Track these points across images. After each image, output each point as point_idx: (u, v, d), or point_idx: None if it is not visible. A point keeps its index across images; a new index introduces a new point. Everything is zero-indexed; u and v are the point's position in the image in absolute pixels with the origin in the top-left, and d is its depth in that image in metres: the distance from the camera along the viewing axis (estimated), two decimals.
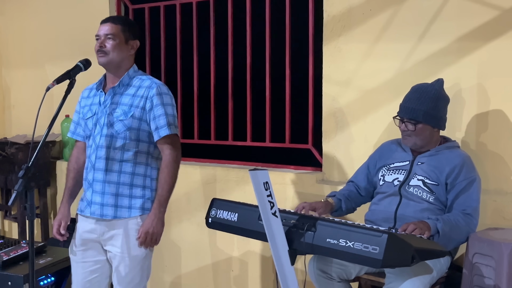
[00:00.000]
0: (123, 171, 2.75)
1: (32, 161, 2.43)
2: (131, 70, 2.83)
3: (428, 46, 3.27)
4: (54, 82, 2.58)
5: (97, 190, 2.77)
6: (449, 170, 2.80)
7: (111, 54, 2.75)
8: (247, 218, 2.65)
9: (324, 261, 2.85)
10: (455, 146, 2.94)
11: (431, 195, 2.81)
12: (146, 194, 2.78)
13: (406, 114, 2.88)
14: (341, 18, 3.53)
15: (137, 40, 2.86)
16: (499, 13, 3.07)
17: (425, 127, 2.86)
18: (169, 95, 2.82)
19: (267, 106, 3.92)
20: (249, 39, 3.96)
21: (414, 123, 2.85)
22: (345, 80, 3.55)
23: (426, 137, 2.88)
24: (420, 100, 2.86)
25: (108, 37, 2.75)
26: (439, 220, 2.66)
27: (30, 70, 5.02)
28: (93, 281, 2.85)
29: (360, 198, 3.10)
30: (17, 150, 4.45)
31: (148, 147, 2.80)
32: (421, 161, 2.89)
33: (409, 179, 2.87)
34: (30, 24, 5.00)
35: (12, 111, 5.19)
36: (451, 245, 2.74)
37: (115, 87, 2.79)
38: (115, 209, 2.75)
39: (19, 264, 3.24)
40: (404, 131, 2.90)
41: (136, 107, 2.75)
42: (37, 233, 4.75)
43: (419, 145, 2.90)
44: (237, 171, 3.92)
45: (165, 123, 2.74)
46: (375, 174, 3.05)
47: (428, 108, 2.85)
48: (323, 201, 2.99)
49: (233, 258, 3.98)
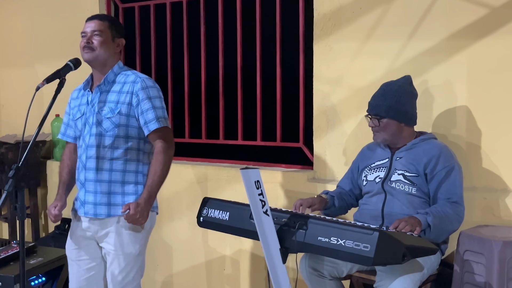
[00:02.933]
0: (114, 169, 2.74)
1: (22, 161, 2.42)
2: (116, 66, 2.81)
3: (418, 44, 3.28)
4: (44, 82, 2.57)
5: (89, 189, 2.76)
6: (426, 160, 2.84)
7: (97, 50, 2.73)
8: (238, 217, 2.65)
9: (315, 259, 2.86)
10: (431, 137, 2.98)
11: (413, 187, 2.83)
12: (138, 190, 2.77)
13: (371, 110, 2.96)
14: (331, 16, 3.53)
15: (123, 38, 2.85)
16: (489, 11, 3.09)
17: (390, 122, 2.90)
18: (155, 87, 2.80)
19: (258, 104, 3.92)
20: (239, 37, 3.96)
21: (378, 118, 2.91)
22: (336, 78, 3.55)
23: (394, 132, 2.92)
24: (384, 96, 2.92)
25: (95, 33, 2.74)
26: (429, 214, 2.67)
27: (20, 69, 4.99)
28: (90, 279, 2.85)
29: (350, 198, 3.12)
30: (7, 150, 4.43)
31: (138, 143, 2.78)
32: (399, 156, 2.92)
33: (390, 175, 2.90)
34: (19, 23, 4.98)
35: (2, 110, 5.17)
36: (444, 236, 2.77)
37: (101, 85, 2.78)
38: (108, 207, 2.74)
39: (9, 264, 3.22)
40: (372, 127, 2.95)
41: (123, 103, 2.73)
42: (28, 233, 4.72)
43: (389, 140, 2.94)
44: (228, 170, 3.91)
45: (153, 117, 2.72)
46: (359, 177, 3.08)
47: (391, 102, 2.90)
48: (317, 197, 3.01)
49: (225, 257, 3.98)
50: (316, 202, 2.94)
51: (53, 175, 4.70)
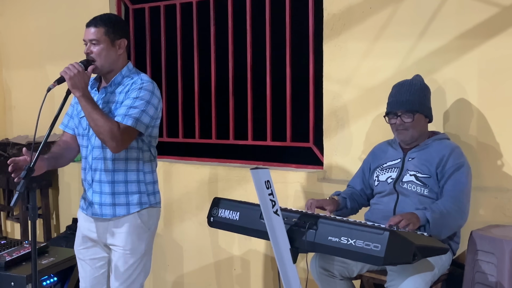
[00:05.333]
0: (116, 169, 2.74)
1: (34, 161, 2.44)
2: (125, 69, 2.78)
3: (428, 44, 3.27)
4: (55, 83, 2.58)
5: (96, 190, 2.77)
6: (438, 160, 2.83)
7: (98, 61, 2.69)
8: (248, 217, 2.66)
9: (326, 259, 2.86)
10: (443, 137, 2.97)
11: (425, 188, 2.82)
12: (141, 189, 2.77)
13: (401, 106, 2.89)
14: (341, 16, 3.53)
15: (125, 38, 2.76)
16: (499, 10, 3.07)
17: (420, 117, 2.90)
18: (151, 92, 2.68)
19: (268, 105, 3.93)
20: (249, 38, 3.97)
21: (413, 113, 2.87)
22: (346, 78, 3.55)
23: (422, 128, 2.92)
24: (411, 92, 2.90)
25: (92, 43, 2.69)
26: (428, 210, 2.66)
27: (31, 70, 5.02)
28: (100, 277, 2.86)
29: (361, 198, 3.11)
30: (19, 151, 4.46)
31: (137, 142, 2.75)
32: (411, 157, 2.91)
33: (402, 176, 2.89)
34: (30, 24, 5.01)
35: (13, 112, 5.20)
36: (446, 232, 2.73)
37: (107, 87, 2.77)
38: (113, 207, 2.75)
39: (21, 264, 3.24)
40: (400, 124, 2.90)
41: (121, 103, 2.70)
42: (40, 234, 4.75)
43: (415, 137, 2.92)
44: (238, 170, 3.92)
45: (122, 113, 2.62)
46: (371, 177, 3.07)
47: (420, 97, 2.90)
48: (329, 199, 3.00)
49: (235, 257, 3.99)
50: (328, 203, 2.93)
51: (64, 175, 4.73)
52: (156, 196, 2.85)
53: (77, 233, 2.91)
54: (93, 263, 2.86)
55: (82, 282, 2.90)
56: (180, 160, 4.31)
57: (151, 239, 2.87)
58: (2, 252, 3.30)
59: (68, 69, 2.59)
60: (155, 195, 2.84)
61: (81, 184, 2.88)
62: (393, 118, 2.92)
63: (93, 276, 2.86)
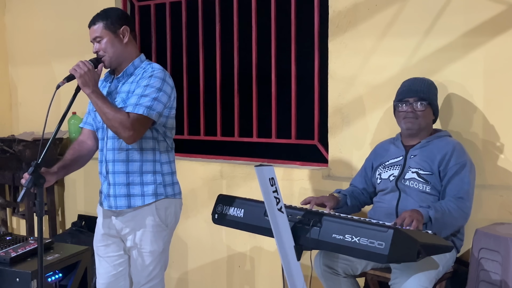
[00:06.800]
0: (131, 160, 2.74)
1: (41, 157, 2.45)
2: (137, 60, 2.79)
3: (434, 41, 3.26)
4: (64, 80, 2.60)
5: (111, 182, 2.78)
6: (440, 157, 2.84)
7: (107, 55, 2.73)
8: (253, 214, 2.66)
9: (330, 256, 2.86)
10: (445, 135, 2.98)
11: (427, 185, 2.83)
12: (157, 179, 2.77)
13: (415, 94, 2.93)
14: (347, 13, 3.52)
15: (125, 25, 2.76)
16: (506, 8, 3.06)
17: (429, 111, 2.94)
18: (162, 79, 2.68)
19: (273, 102, 3.93)
20: (254, 35, 3.97)
21: (426, 103, 2.91)
22: (351, 75, 3.55)
23: (428, 121, 2.96)
24: (424, 84, 2.95)
25: (97, 40, 2.74)
26: (431, 208, 2.67)
27: (37, 67, 5.04)
28: (118, 275, 2.87)
29: (362, 197, 3.12)
30: (24, 147, 4.47)
31: (152, 132, 2.74)
32: (413, 154, 2.92)
33: (404, 173, 2.90)
34: (36, 21, 5.02)
35: (19, 108, 5.22)
36: (446, 231, 2.75)
37: (119, 77, 2.79)
38: (128, 198, 2.74)
39: (27, 260, 3.25)
40: (411, 112, 2.92)
41: (132, 92, 2.70)
42: (45, 230, 4.77)
43: (422, 127, 2.94)
44: (243, 167, 3.92)
45: (134, 102, 2.63)
46: (373, 175, 3.07)
47: (432, 93, 2.96)
48: (329, 195, 3.01)
49: (240, 254, 4.00)
50: (327, 200, 2.94)
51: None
52: (175, 187, 2.84)
53: (96, 230, 2.92)
54: (111, 261, 2.87)
55: (99, 278, 2.91)
56: (185, 157, 4.32)
57: (169, 237, 2.87)
58: (7, 248, 3.31)
59: (78, 67, 2.63)
60: (173, 186, 2.83)
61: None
62: (405, 105, 2.93)
63: (111, 273, 2.87)
